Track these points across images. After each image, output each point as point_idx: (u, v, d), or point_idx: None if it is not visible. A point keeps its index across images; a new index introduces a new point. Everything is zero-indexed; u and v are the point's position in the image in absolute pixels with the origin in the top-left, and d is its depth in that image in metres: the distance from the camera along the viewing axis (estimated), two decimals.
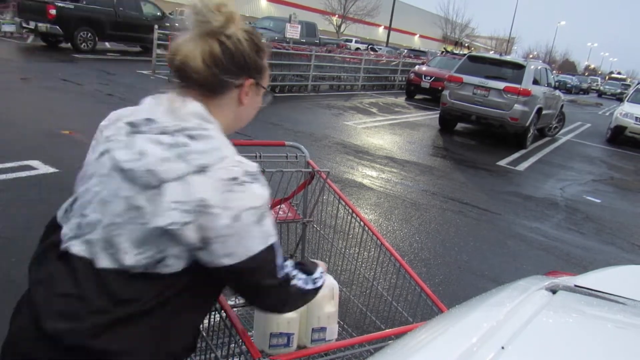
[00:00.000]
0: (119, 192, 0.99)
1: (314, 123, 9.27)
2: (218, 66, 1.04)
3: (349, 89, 16.09)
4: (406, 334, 1.04)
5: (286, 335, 1.74)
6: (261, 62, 1.13)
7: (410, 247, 4.32)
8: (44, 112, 6.72)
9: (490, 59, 10.86)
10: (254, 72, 1.12)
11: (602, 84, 51.46)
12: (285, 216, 2.10)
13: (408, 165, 7.30)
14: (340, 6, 40.76)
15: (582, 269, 4.39)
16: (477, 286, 3.75)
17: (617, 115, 13.48)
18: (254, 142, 2.16)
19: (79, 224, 1.03)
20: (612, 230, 5.78)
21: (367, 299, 2.20)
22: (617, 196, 7.56)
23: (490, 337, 0.86)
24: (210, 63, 1.03)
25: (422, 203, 5.58)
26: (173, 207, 0.95)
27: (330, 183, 2.04)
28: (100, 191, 1.02)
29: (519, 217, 5.67)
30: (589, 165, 9.77)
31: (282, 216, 2.09)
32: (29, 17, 13.30)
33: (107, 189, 1.01)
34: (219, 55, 1.04)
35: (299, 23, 17.18)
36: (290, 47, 13.40)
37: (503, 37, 72.08)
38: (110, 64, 12.53)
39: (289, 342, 1.74)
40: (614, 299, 1.21)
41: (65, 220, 1.08)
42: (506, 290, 1.17)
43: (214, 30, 1.03)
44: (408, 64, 19.27)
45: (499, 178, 7.51)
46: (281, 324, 1.72)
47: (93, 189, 1.04)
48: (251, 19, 28.08)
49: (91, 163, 1.08)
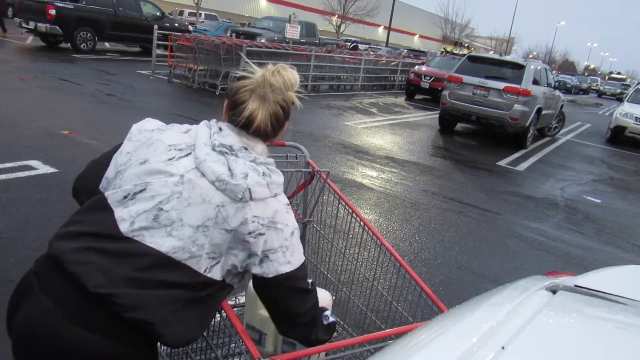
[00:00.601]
0: (211, 199, 1.17)
1: (313, 123, 9.27)
2: (279, 123, 1.30)
3: (349, 89, 16.09)
4: (406, 334, 1.04)
5: (258, 332, 1.76)
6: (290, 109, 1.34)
7: (410, 247, 4.32)
8: (44, 112, 6.72)
9: (490, 59, 10.86)
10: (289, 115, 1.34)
11: (601, 84, 51.44)
12: None
13: (408, 165, 7.30)
14: (340, 6, 40.76)
15: (582, 269, 4.39)
16: (477, 286, 3.75)
17: (617, 115, 13.49)
18: None
19: (155, 216, 1.15)
20: (612, 230, 5.78)
21: (367, 299, 2.20)
22: (617, 196, 7.56)
23: (491, 337, 0.86)
24: (274, 122, 1.29)
25: (422, 203, 5.58)
26: (253, 220, 1.19)
27: (330, 183, 2.04)
28: (182, 192, 1.16)
29: (519, 217, 5.67)
30: (589, 165, 9.77)
31: None
32: (28, 17, 13.29)
33: (192, 194, 1.16)
34: (281, 116, 1.30)
35: (299, 23, 17.20)
36: (290, 47, 13.40)
37: (503, 37, 72.09)
38: (109, 64, 12.53)
39: (261, 340, 1.75)
40: (614, 299, 1.21)
41: (123, 206, 1.17)
42: (506, 290, 1.17)
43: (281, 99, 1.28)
44: (408, 64, 19.26)
45: (499, 178, 7.51)
46: (255, 317, 1.74)
47: (169, 188, 1.16)
48: (251, 19, 28.10)
49: (151, 160, 1.20)
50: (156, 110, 8.18)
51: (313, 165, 2.11)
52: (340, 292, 2.23)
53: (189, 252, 1.15)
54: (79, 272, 1.09)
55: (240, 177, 1.18)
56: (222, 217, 1.16)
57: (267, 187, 1.21)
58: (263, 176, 1.21)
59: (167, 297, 1.13)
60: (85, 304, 1.09)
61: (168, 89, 10.71)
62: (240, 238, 1.18)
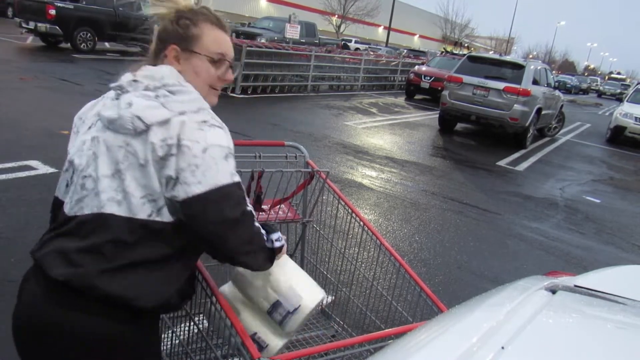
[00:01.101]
0: (112, 143, 1.16)
1: (313, 123, 9.27)
2: (163, 40, 1.27)
3: (349, 89, 16.09)
4: (406, 334, 1.04)
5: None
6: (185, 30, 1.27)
7: (410, 247, 4.32)
8: (44, 112, 6.72)
9: (490, 59, 10.87)
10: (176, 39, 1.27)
11: (601, 84, 51.45)
12: (285, 216, 2.09)
13: (408, 165, 7.30)
14: (340, 6, 40.75)
15: (582, 269, 4.40)
16: (477, 286, 3.75)
17: (617, 115, 13.49)
18: (254, 142, 2.17)
19: (82, 185, 1.17)
20: (612, 230, 5.78)
21: (366, 299, 2.20)
22: (616, 196, 7.56)
23: (490, 337, 0.86)
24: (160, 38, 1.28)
25: (421, 203, 5.58)
26: (161, 145, 1.12)
27: (330, 183, 2.04)
28: (95, 151, 1.17)
29: (518, 217, 5.67)
30: (588, 165, 9.78)
31: (282, 216, 2.08)
32: (28, 17, 13.28)
33: (99, 147, 1.17)
34: (170, 33, 1.27)
35: (299, 23, 17.19)
36: (290, 47, 13.40)
37: (503, 37, 72.11)
38: (109, 64, 12.52)
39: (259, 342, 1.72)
40: (614, 299, 1.21)
41: (67, 194, 1.22)
42: (506, 290, 1.17)
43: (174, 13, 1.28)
44: (408, 64, 19.27)
45: (499, 178, 7.51)
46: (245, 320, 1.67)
47: (84, 154, 1.19)
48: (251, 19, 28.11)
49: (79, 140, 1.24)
50: None
51: (312, 165, 2.11)
52: (340, 292, 2.23)
53: (116, 202, 1.13)
54: (42, 261, 1.17)
55: (123, 109, 1.15)
56: (132, 155, 1.13)
57: (163, 107, 1.15)
58: (156, 98, 1.16)
59: (115, 257, 1.13)
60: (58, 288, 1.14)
61: None
62: (158, 167, 1.13)
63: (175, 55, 1.26)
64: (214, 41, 1.27)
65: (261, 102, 10.55)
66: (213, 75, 1.28)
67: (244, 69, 10.99)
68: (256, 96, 11.29)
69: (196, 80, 1.26)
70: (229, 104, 9.90)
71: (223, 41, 1.29)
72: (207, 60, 1.27)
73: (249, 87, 11.41)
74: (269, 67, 12.12)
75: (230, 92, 10.88)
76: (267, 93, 11.99)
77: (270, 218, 2.01)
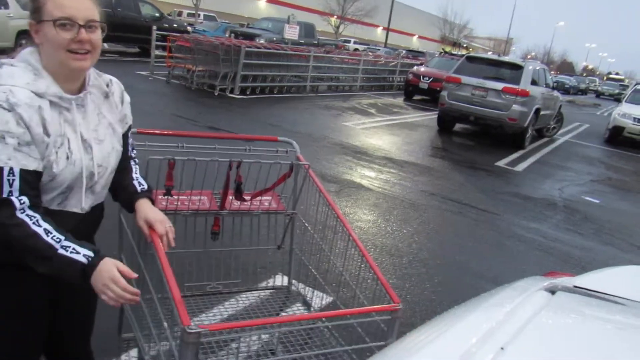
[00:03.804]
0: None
1: (312, 124, 9.28)
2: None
3: (348, 89, 16.09)
4: (406, 334, 1.04)
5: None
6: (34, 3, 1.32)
7: (409, 247, 4.32)
8: None
9: (488, 60, 10.88)
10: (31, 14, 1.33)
11: (600, 84, 51.51)
12: (268, 207, 2.16)
13: (407, 165, 7.31)
14: (339, 7, 40.79)
15: (581, 269, 4.40)
16: (476, 287, 3.75)
17: (615, 115, 13.51)
18: (248, 137, 2.19)
19: None
20: (611, 230, 5.79)
21: (337, 286, 2.34)
22: (615, 196, 7.57)
23: (490, 337, 0.86)
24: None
25: (420, 203, 5.58)
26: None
27: (312, 175, 2.10)
28: None
29: (517, 217, 5.68)
30: (587, 165, 9.79)
31: (265, 207, 2.15)
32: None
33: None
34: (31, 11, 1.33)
35: (298, 24, 17.19)
36: (289, 48, 13.40)
37: (501, 38, 72.23)
38: (108, 65, 12.51)
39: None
40: (613, 300, 1.21)
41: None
42: (505, 291, 1.17)
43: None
44: (406, 64, 19.27)
45: (498, 178, 7.52)
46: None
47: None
48: (250, 20, 28.13)
49: None
50: (155, 111, 8.17)
51: (301, 159, 2.16)
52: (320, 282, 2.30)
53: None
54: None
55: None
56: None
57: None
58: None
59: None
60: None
61: (167, 89, 10.70)
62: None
63: (35, 30, 1.33)
64: (55, 7, 1.31)
65: (260, 103, 10.55)
66: (63, 39, 1.31)
67: (242, 69, 11.00)
68: (255, 97, 11.29)
69: (50, 48, 1.31)
70: (227, 104, 9.90)
71: (67, 6, 1.32)
72: (52, 25, 1.30)
73: (247, 87, 11.41)
74: (268, 68, 12.12)
75: (229, 92, 10.88)
76: (265, 94, 11.99)
77: (253, 208, 2.10)
